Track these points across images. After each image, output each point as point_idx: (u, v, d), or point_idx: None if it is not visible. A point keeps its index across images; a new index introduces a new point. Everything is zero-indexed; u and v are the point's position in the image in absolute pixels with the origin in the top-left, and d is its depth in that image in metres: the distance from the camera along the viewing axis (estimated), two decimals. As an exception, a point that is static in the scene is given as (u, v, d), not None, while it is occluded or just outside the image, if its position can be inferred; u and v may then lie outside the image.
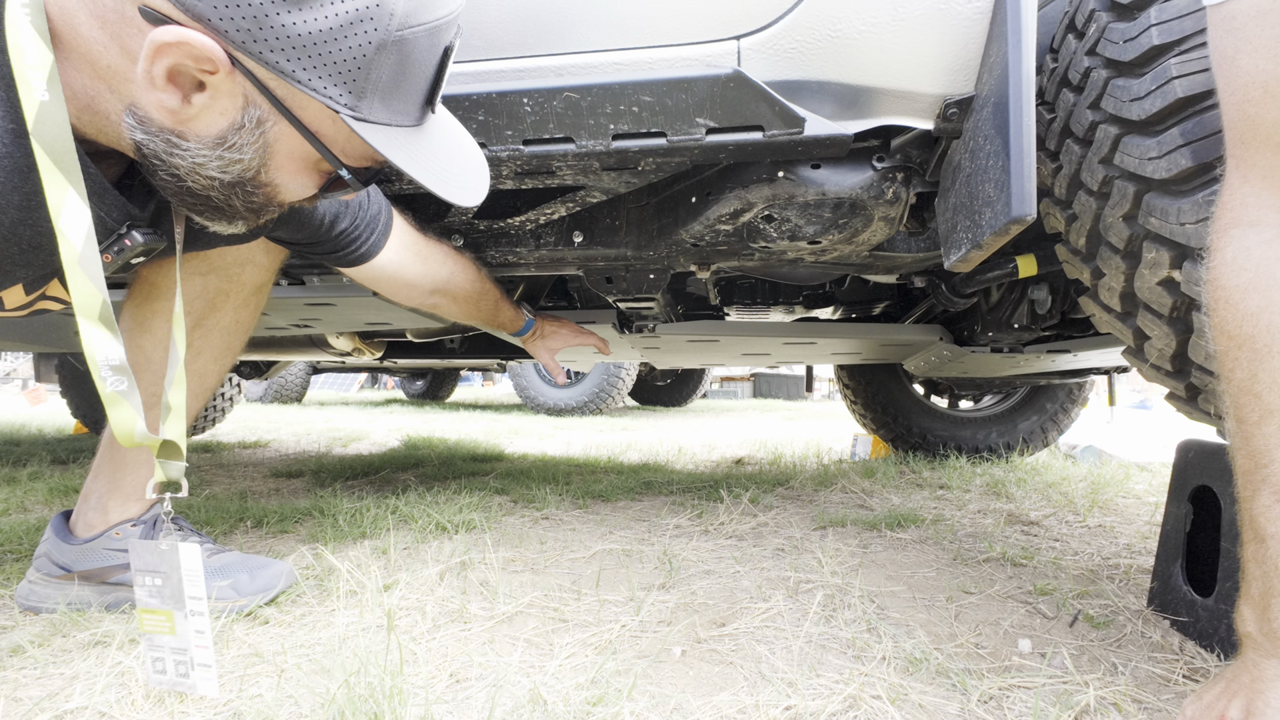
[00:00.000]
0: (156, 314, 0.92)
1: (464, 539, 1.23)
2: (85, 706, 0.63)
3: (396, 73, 0.58)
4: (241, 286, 0.96)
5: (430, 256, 1.05)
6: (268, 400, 6.52)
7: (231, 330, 0.98)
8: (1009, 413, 2.50)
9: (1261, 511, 0.51)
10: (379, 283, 1.02)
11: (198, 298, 0.93)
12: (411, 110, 0.62)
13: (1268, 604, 0.50)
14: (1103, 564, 1.13)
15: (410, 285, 1.05)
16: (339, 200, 0.87)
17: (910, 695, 0.67)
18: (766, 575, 1.05)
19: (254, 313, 1.01)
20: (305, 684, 0.67)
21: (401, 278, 1.02)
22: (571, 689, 0.67)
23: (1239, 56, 0.53)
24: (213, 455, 2.61)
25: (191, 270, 0.92)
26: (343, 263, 0.95)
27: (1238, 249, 0.53)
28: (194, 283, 0.93)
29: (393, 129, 0.61)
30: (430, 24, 0.59)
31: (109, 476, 0.92)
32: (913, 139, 0.90)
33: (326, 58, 0.55)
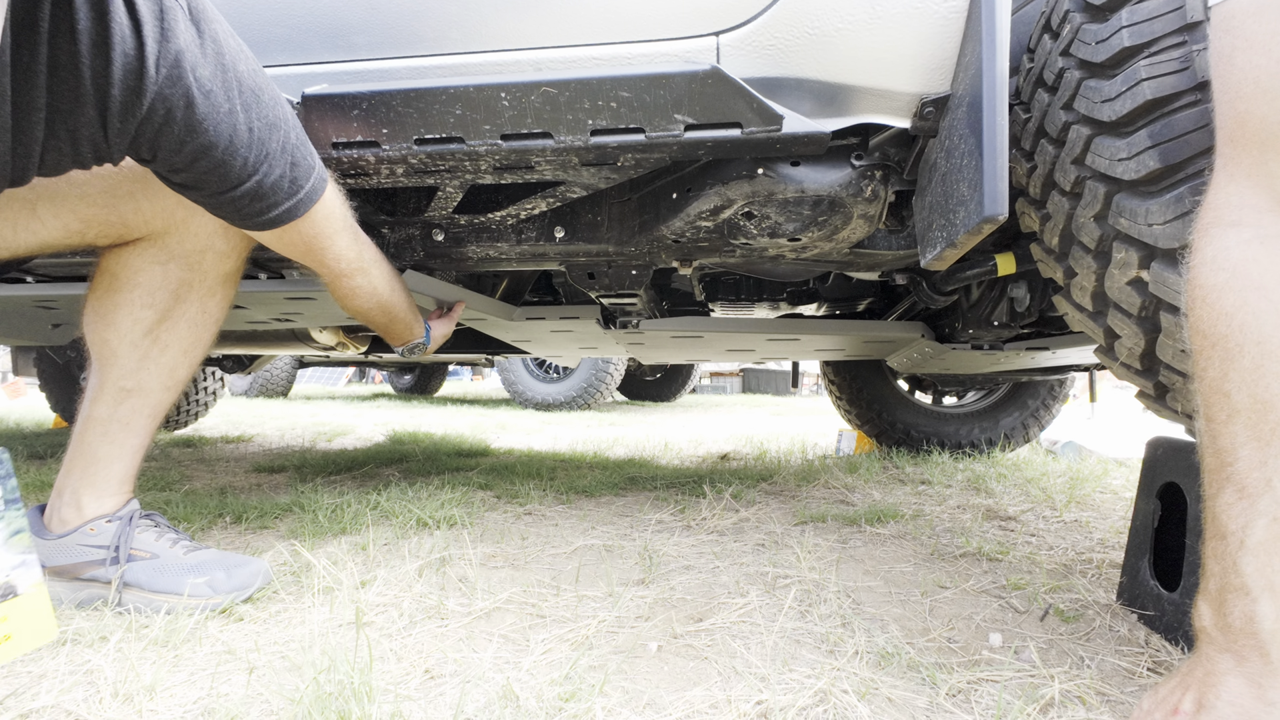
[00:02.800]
0: (119, 306, 0.90)
1: (445, 535, 1.22)
2: (53, 705, 0.63)
3: None
4: (205, 275, 0.94)
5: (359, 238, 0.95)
6: (253, 394, 6.46)
7: (199, 322, 0.96)
8: (991, 408, 2.53)
9: (1224, 509, 0.52)
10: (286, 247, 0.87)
11: (160, 288, 0.91)
12: None
13: (1224, 599, 0.51)
14: (1076, 559, 1.14)
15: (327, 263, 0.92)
16: None
17: (880, 689, 0.67)
18: (745, 571, 1.06)
19: (223, 303, 0.98)
20: (276, 682, 0.67)
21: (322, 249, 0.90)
22: (545, 685, 0.67)
23: (1235, 54, 0.53)
24: (194, 450, 2.59)
25: (150, 259, 0.90)
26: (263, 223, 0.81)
27: (1217, 248, 0.53)
28: (154, 272, 0.91)
29: None
30: None
31: (81, 471, 0.91)
32: (891, 137, 0.91)
33: None
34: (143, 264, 0.91)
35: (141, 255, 0.91)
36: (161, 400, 0.94)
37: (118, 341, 0.90)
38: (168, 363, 0.94)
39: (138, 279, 0.91)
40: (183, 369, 0.96)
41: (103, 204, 0.86)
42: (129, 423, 0.92)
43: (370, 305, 1.04)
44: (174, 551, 0.92)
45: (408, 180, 0.99)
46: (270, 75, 0.94)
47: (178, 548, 0.93)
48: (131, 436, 0.93)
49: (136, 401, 0.92)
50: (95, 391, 0.92)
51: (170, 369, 0.94)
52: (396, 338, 1.19)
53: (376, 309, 1.06)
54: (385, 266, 1.04)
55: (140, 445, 0.95)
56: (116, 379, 0.90)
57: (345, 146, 0.90)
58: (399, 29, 0.92)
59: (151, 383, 0.93)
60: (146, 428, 0.94)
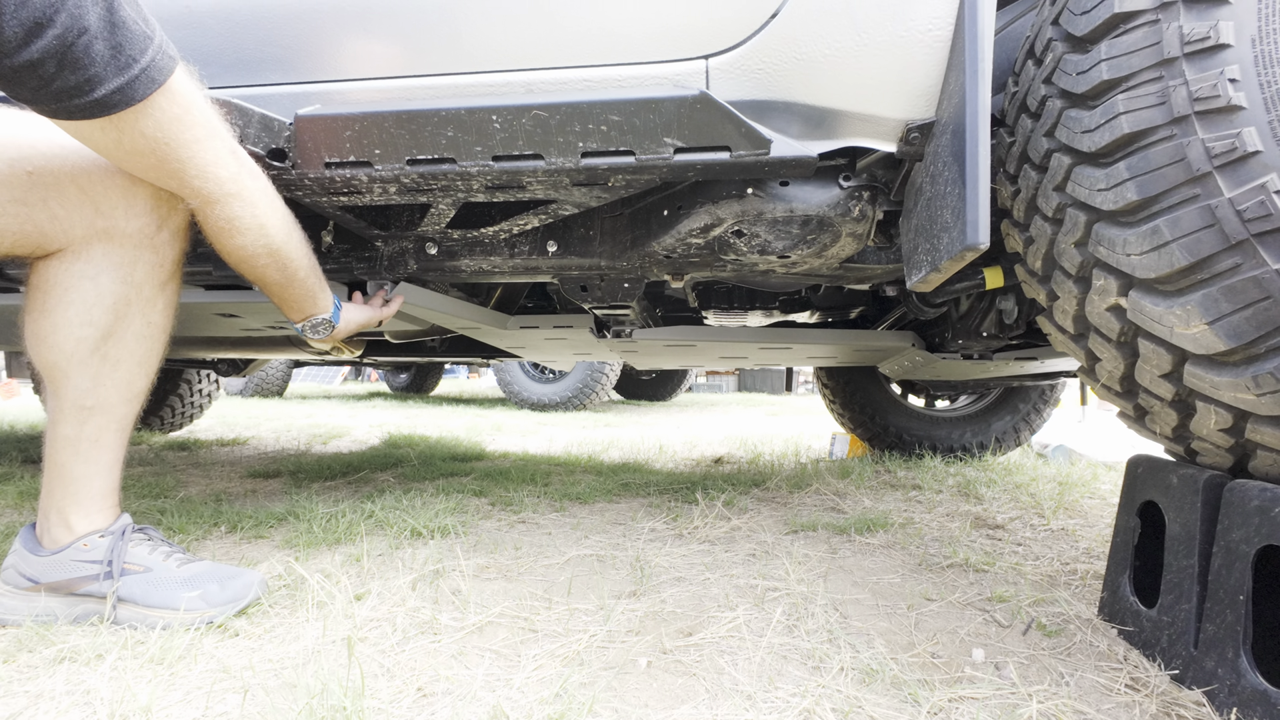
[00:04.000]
0: (57, 328, 0.86)
1: (439, 545, 1.24)
2: (49, 727, 0.64)
3: None
4: (140, 288, 0.90)
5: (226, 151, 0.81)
6: (248, 394, 6.45)
7: (146, 335, 0.93)
8: (983, 413, 2.55)
9: None
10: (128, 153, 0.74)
11: (95, 305, 0.87)
12: None
13: None
14: (1061, 569, 1.16)
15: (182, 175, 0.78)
16: None
17: (864, 707, 0.69)
18: (735, 583, 1.07)
19: (166, 311, 0.95)
20: (270, 702, 0.68)
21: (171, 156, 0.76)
22: (535, 703, 0.68)
23: None
24: (189, 454, 2.59)
25: (78, 274, 0.86)
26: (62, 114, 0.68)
27: None
28: (85, 288, 0.86)
29: None
30: None
31: (63, 491, 0.90)
32: (878, 159, 0.92)
33: None
34: (71, 280, 0.86)
35: (68, 270, 0.86)
36: (126, 413, 0.93)
37: (65, 363, 0.87)
38: (123, 377, 0.91)
39: (70, 296, 0.86)
40: (140, 381, 0.94)
41: (14, 213, 0.82)
42: (98, 440, 0.91)
43: (257, 249, 0.88)
44: (167, 565, 0.92)
45: (400, 198, 0.99)
46: (264, 95, 0.95)
47: (171, 560, 0.93)
48: (104, 452, 0.92)
49: (101, 419, 0.90)
50: (55, 413, 0.90)
51: (127, 383, 0.91)
52: (294, 307, 1.01)
53: (266, 256, 0.90)
54: (279, 205, 0.90)
55: (116, 459, 0.94)
56: (74, 399, 0.88)
57: (338, 166, 0.91)
58: (391, 50, 0.93)
59: (112, 398, 0.90)
60: (118, 441, 0.93)
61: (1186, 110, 0.62)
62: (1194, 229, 0.62)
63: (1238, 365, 0.63)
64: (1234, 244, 0.60)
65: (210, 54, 0.94)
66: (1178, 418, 0.73)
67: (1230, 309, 0.61)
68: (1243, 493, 0.68)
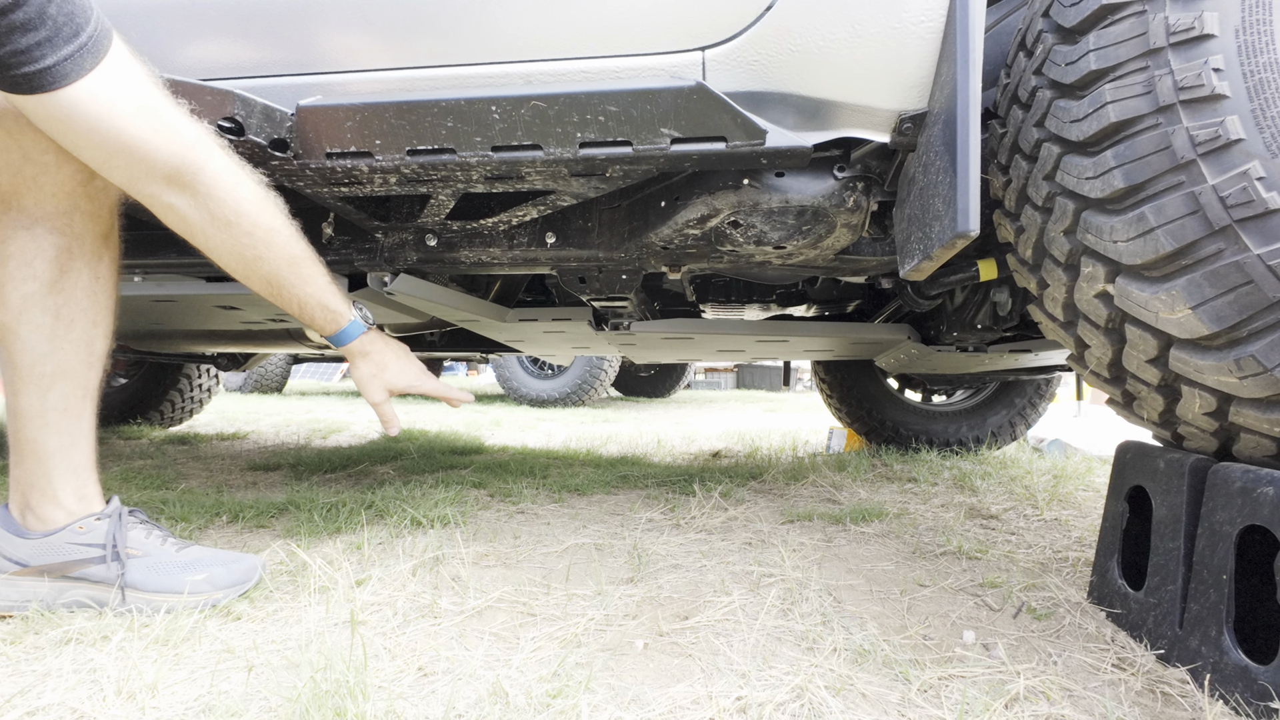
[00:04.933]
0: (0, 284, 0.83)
1: (438, 534, 1.25)
2: (57, 703, 0.65)
3: None
4: (82, 239, 0.87)
5: (168, 126, 0.75)
6: (247, 390, 6.46)
7: (96, 290, 0.89)
8: (979, 407, 2.56)
9: None
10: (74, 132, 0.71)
11: (36, 257, 0.84)
12: None
13: None
14: (1053, 557, 1.18)
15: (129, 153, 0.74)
16: None
17: (856, 685, 0.71)
18: (731, 570, 1.08)
19: (111, 267, 0.91)
20: (274, 680, 0.70)
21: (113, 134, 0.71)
22: (534, 681, 0.70)
23: None
24: (190, 448, 2.60)
25: (11, 224, 0.84)
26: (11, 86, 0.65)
27: None
28: (22, 239, 0.84)
29: None
30: None
31: (38, 467, 0.88)
32: (872, 150, 0.93)
33: None
34: (6, 231, 0.83)
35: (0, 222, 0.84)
36: (89, 379, 0.90)
37: (14, 321, 0.84)
38: (80, 338, 0.88)
39: (7, 249, 0.83)
40: (99, 342, 0.90)
41: None
42: (66, 408, 0.88)
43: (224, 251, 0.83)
44: (165, 549, 0.93)
45: (400, 189, 1.01)
46: (266, 86, 0.96)
47: (168, 545, 0.93)
48: (75, 421, 0.89)
49: (65, 386, 0.88)
50: (12, 382, 0.86)
51: (86, 344, 0.89)
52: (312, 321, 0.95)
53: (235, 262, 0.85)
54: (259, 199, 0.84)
55: (89, 429, 0.91)
56: (31, 364, 0.85)
57: (339, 156, 0.92)
58: (391, 41, 0.94)
59: (72, 361, 0.87)
60: (87, 410, 0.90)
61: (1172, 99, 0.63)
62: (1178, 215, 0.63)
63: (1221, 349, 0.64)
64: (1217, 230, 0.61)
65: (213, 45, 0.94)
66: (1164, 402, 0.75)
67: (1214, 293, 0.62)
68: (1226, 475, 0.69)
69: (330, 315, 0.95)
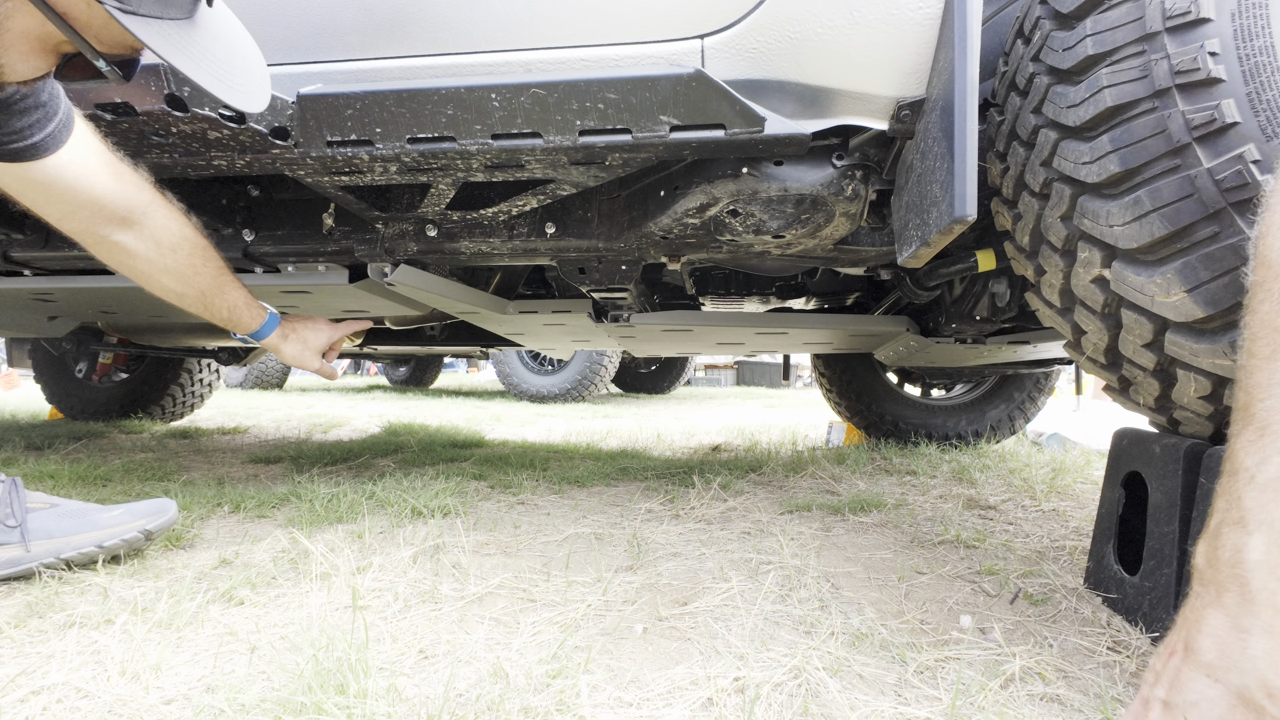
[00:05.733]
0: None
1: (439, 523, 1.25)
2: (62, 682, 0.66)
3: None
4: None
5: (125, 176, 0.89)
6: (248, 386, 6.47)
7: None
8: (978, 401, 2.57)
9: (1241, 447, 0.50)
10: (51, 193, 0.82)
11: None
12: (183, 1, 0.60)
13: (1219, 534, 0.49)
14: (1050, 546, 1.18)
15: (91, 204, 0.86)
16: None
17: (853, 666, 0.71)
18: (730, 557, 1.09)
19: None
20: (277, 660, 0.70)
21: (84, 191, 0.84)
22: (534, 663, 0.70)
23: None
24: (191, 441, 2.61)
25: None
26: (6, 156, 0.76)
27: None
28: None
29: (163, 21, 0.58)
30: None
31: None
32: (870, 138, 0.94)
33: None
34: None
35: None
36: None
37: None
38: None
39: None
40: None
41: None
42: None
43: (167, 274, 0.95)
44: (70, 501, 0.94)
45: (401, 177, 1.01)
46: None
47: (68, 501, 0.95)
48: None
49: None
50: None
51: None
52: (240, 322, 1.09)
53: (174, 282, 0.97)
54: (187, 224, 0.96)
55: None
56: None
57: (340, 145, 0.92)
58: (392, 29, 0.94)
59: None
60: None
61: (1168, 83, 0.64)
62: (1174, 199, 0.63)
63: (1216, 332, 0.64)
64: (1212, 213, 0.62)
65: (213, 34, 0.95)
66: (1160, 387, 0.75)
67: (1209, 276, 0.63)
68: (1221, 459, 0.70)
69: (255, 312, 1.10)
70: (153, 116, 0.86)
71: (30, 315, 1.94)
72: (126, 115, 0.86)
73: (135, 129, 0.89)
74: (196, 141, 0.92)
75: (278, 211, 1.29)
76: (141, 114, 0.85)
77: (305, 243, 1.27)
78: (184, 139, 0.92)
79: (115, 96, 0.84)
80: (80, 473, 1.71)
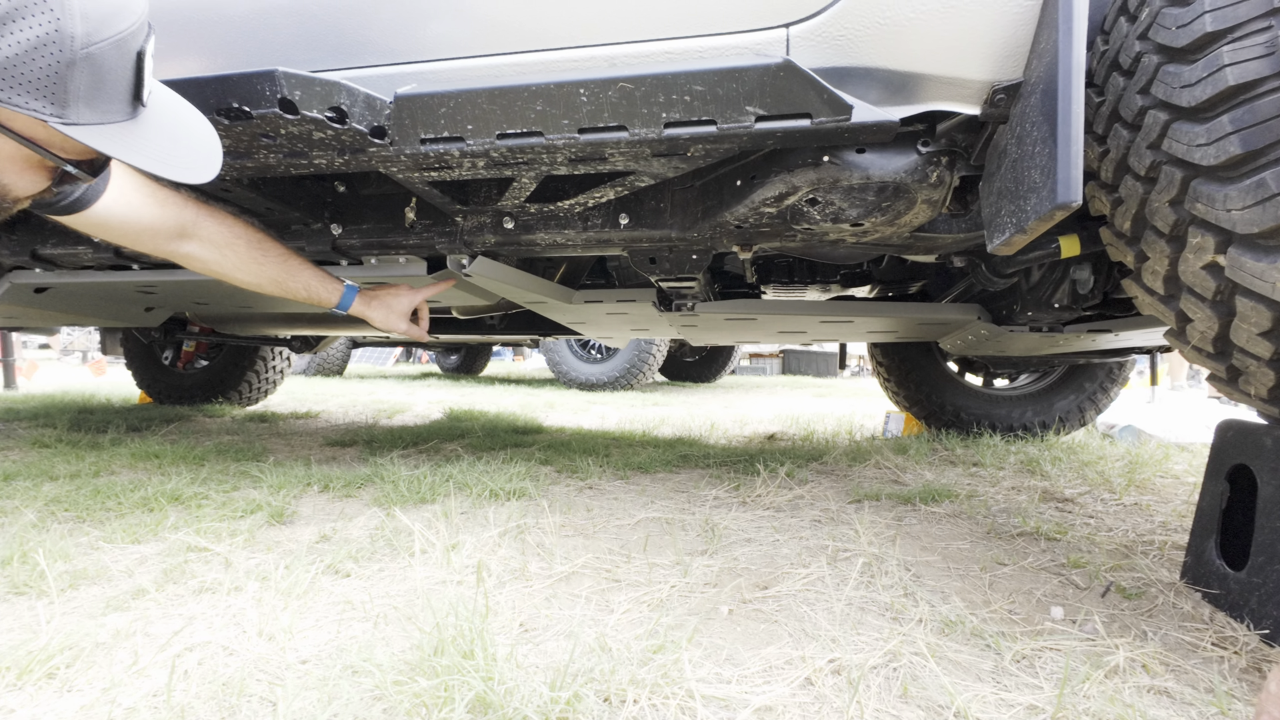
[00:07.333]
0: None
1: (517, 505, 1.31)
2: (209, 641, 0.73)
3: (93, 82, 0.68)
4: None
5: (167, 200, 1.02)
6: (310, 373, 6.76)
7: None
8: (1045, 391, 2.48)
9: None
10: (109, 230, 0.98)
11: None
12: (120, 108, 0.71)
13: None
14: (1137, 540, 1.15)
15: (148, 230, 1.01)
16: None
17: (945, 653, 0.72)
18: (805, 544, 1.10)
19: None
20: (393, 628, 0.76)
21: (135, 222, 0.99)
22: (632, 639, 0.73)
23: None
24: (269, 425, 2.76)
25: None
26: (56, 212, 0.92)
27: None
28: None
29: (105, 126, 0.70)
30: (113, 37, 0.68)
31: None
32: (959, 123, 0.92)
33: (19, 78, 0.64)
34: None
35: None
36: None
37: None
38: None
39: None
40: None
41: None
42: None
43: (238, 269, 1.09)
44: None
45: (487, 172, 1.05)
46: (363, 76, 1.01)
47: None
48: None
49: None
50: None
51: None
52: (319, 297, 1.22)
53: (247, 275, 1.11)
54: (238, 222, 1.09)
55: None
56: None
57: (433, 141, 0.96)
58: (479, 29, 0.97)
59: None
60: None
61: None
62: (1302, 181, 0.61)
63: (1345, 320, 0.62)
64: (1346, 196, 0.59)
65: (315, 39, 1.00)
66: (1275, 377, 0.72)
67: (1339, 262, 0.60)
68: (1345, 451, 0.67)
69: (331, 286, 1.22)
70: (266, 120, 0.92)
71: (130, 306, 2.09)
72: (242, 119, 0.92)
73: (249, 131, 0.95)
74: (301, 142, 0.98)
75: (362, 207, 1.35)
76: (256, 117, 0.91)
77: (388, 236, 1.32)
78: (290, 139, 0.97)
79: (233, 101, 0.90)
80: (180, 453, 1.84)
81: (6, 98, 0.64)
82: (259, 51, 1.02)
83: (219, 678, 0.65)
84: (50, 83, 0.65)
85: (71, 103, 0.67)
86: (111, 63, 0.68)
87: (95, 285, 1.69)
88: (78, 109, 0.67)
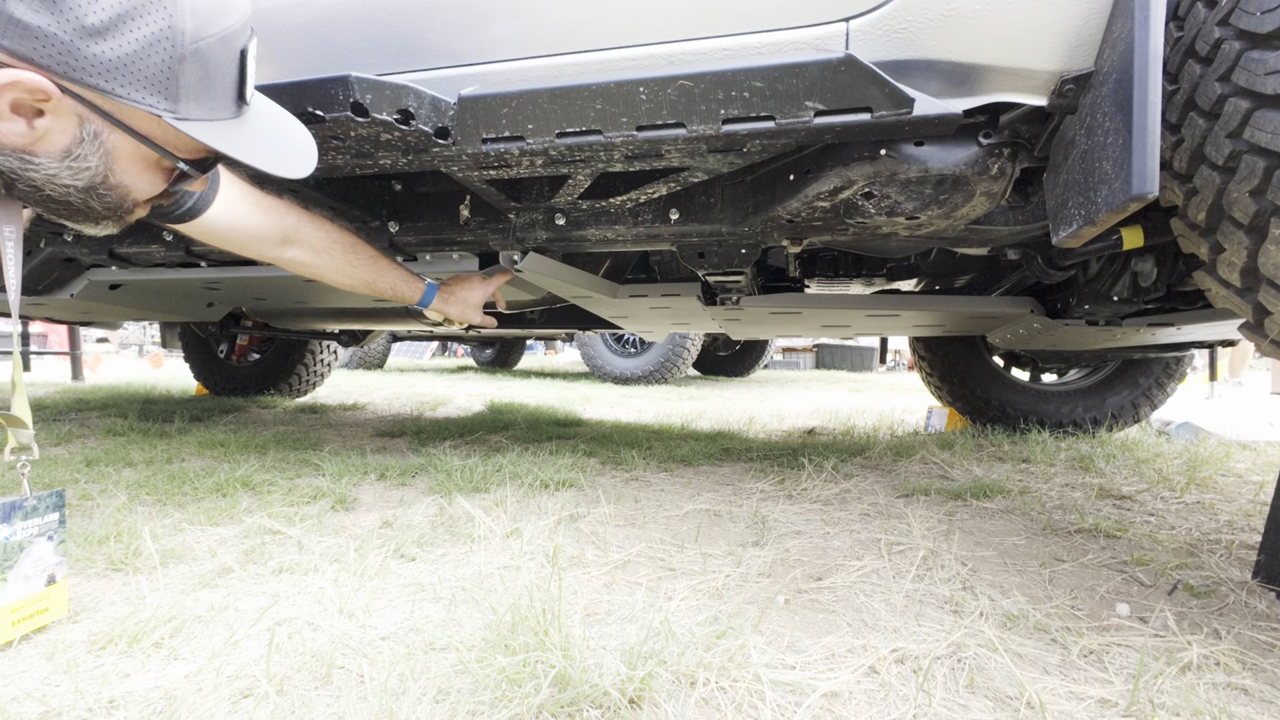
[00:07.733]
0: None
1: (568, 495, 1.34)
2: (295, 617, 0.77)
3: (202, 77, 0.70)
4: None
5: (271, 208, 1.07)
6: (353, 367, 6.96)
7: None
8: (1097, 386, 2.42)
9: None
10: (219, 237, 1.02)
11: None
12: (226, 105, 0.74)
13: None
14: (1202, 538, 1.12)
15: (254, 236, 1.06)
16: None
17: (1010, 646, 0.72)
18: (857, 537, 1.11)
19: None
20: (463, 611, 0.79)
21: (242, 229, 1.03)
22: (694, 625, 0.75)
23: None
24: (320, 416, 2.86)
25: None
26: (172, 220, 0.96)
27: None
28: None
29: (214, 123, 0.73)
30: (219, 34, 0.71)
31: None
32: (1022, 114, 0.91)
33: (137, 74, 0.67)
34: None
35: None
36: None
37: None
38: None
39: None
40: None
41: None
42: None
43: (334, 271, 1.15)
44: None
45: (544, 170, 1.07)
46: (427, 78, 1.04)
47: None
48: None
49: None
50: None
51: None
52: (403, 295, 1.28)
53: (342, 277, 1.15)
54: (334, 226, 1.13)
55: None
56: None
57: (494, 141, 0.99)
58: (538, 29, 0.99)
59: None
60: None
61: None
62: (1399, 170, 0.59)
63: None
64: None
65: (381, 43, 1.04)
66: (1362, 372, 0.70)
67: None
68: None
69: (414, 284, 1.29)
70: (338, 123, 0.95)
71: (195, 302, 2.19)
72: (315, 123, 0.96)
73: (320, 134, 0.99)
74: (369, 143, 1.02)
75: (418, 205, 1.39)
76: (329, 120, 0.95)
77: (443, 233, 1.36)
78: (359, 141, 1.01)
79: (308, 105, 0.94)
80: (242, 442, 1.92)
81: (126, 94, 0.67)
82: (327, 57, 1.07)
83: (308, 650, 0.69)
84: (164, 78, 0.68)
85: (183, 98, 0.69)
86: (218, 59, 0.71)
87: (165, 282, 1.78)
88: (188, 104, 0.70)
